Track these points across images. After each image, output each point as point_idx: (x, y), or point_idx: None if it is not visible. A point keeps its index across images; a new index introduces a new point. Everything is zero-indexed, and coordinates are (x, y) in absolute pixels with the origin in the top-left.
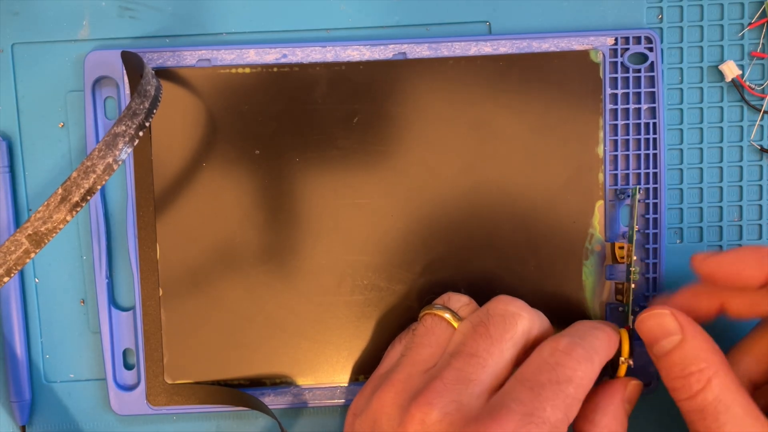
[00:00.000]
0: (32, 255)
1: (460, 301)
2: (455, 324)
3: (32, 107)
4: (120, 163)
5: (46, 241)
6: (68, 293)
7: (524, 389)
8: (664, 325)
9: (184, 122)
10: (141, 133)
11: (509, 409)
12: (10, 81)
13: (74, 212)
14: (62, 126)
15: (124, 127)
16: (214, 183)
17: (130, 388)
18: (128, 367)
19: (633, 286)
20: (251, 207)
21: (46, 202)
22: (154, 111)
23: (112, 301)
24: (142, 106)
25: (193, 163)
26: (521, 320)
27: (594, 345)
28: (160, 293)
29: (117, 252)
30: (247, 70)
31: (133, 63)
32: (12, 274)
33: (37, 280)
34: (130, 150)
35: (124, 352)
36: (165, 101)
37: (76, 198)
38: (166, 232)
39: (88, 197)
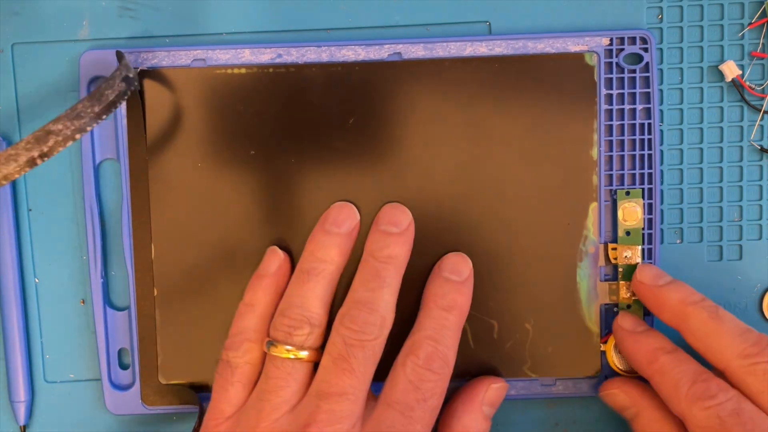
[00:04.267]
0: None
1: (301, 333)
2: (303, 356)
3: (32, 107)
4: (44, 160)
5: None
6: (68, 293)
7: (396, 414)
8: (618, 402)
9: (179, 122)
10: (78, 136)
11: None
12: (10, 81)
13: None
14: None
15: (60, 126)
16: (210, 183)
17: (125, 387)
18: (123, 366)
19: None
20: (246, 207)
21: None
22: (105, 116)
23: (108, 301)
24: (89, 110)
25: (188, 163)
26: (378, 341)
27: (449, 340)
28: (155, 293)
29: (113, 252)
30: (243, 71)
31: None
32: None
33: (37, 280)
34: (60, 150)
35: (120, 352)
36: (160, 102)
37: None
38: (161, 232)
39: (3, 182)
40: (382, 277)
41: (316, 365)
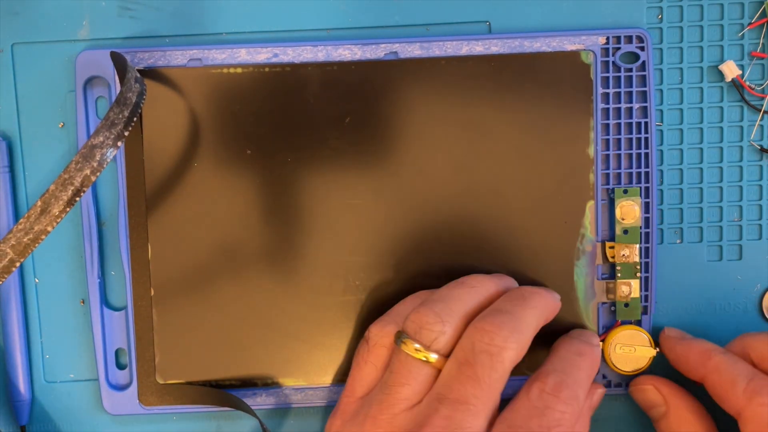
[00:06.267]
0: (17, 264)
1: (432, 332)
2: (432, 360)
3: (32, 107)
4: (98, 173)
5: (30, 251)
6: (68, 293)
7: None
8: (649, 398)
9: (176, 122)
10: (120, 143)
11: None
12: (10, 81)
13: (55, 223)
14: (62, 126)
15: (102, 138)
16: (206, 183)
17: (122, 388)
18: (121, 367)
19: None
20: (243, 207)
21: (27, 214)
22: (135, 119)
23: (105, 301)
24: (120, 116)
25: (184, 163)
26: (508, 353)
27: (579, 380)
28: (152, 293)
29: (110, 252)
30: (239, 70)
31: (121, 64)
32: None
33: (37, 280)
34: (108, 160)
35: (117, 352)
36: (156, 101)
37: (55, 210)
38: (157, 232)
39: (68, 208)
40: (527, 301)
41: None
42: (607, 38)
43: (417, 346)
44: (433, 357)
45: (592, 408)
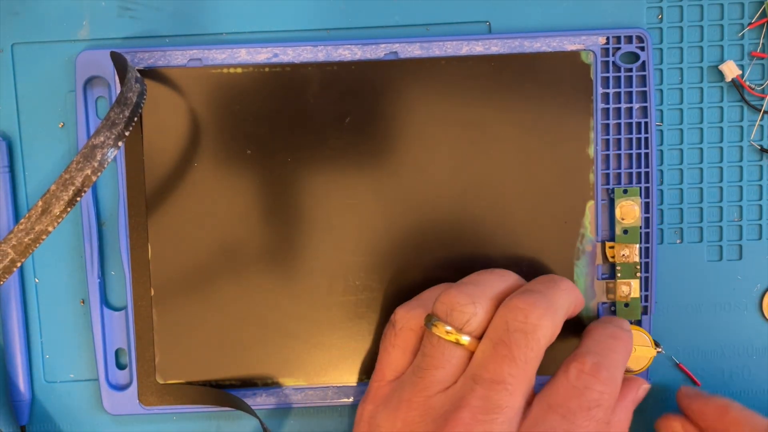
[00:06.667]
0: (18, 264)
1: (464, 313)
2: (464, 342)
3: (32, 107)
4: (99, 173)
5: (31, 251)
6: (68, 293)
7: (556, 417)
8: None
9: (176, 122)
10: (120, 143)
11: None
12: (10, 81)
13: (56, 223)
14: (62, 126)
15: (102, 138)
16: (206, 183)
17: (122, 388)
18: (121, 367)
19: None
20: (243, 207)
21: (27, 214)
22: (135, 118)
23: (105, 301)
24: (121, 116)
25: (184, 163)
26: (543, 331)
27: (616, 362)
28: (152, 293)
29: (110, 251)
30: (239, 70)
31: (121, 64)
32: (1, 283)
33: (37, 280)
34: (109, 160)
35: (117, 352)
36: (156, 101)
37: (56, 210)
38: (157, 232)
39: (69, 209)
40: (557, 283)
41: None
42: (607, 38)
43: (448, 328)
44: (465, 339)
45: (636, 401)
